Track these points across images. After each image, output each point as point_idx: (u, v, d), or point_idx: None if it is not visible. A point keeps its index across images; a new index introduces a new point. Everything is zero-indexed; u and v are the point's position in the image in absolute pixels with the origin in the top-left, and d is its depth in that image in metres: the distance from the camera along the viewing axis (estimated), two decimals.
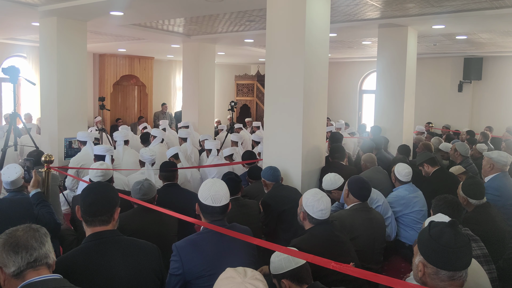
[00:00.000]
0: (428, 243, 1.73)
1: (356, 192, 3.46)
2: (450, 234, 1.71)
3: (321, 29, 4.50)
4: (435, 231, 1.74)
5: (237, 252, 2.43)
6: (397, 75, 6.96)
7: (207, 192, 2.44)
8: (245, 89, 14.06)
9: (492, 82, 11.41)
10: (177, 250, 2.38)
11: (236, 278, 1.57)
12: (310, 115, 4.41)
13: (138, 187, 3.35)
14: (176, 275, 2.35)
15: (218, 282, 1.60)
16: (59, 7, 5.84)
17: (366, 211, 3.43)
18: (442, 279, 1.71)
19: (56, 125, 6.51)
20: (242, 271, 1.62)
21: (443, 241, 1.70)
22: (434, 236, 1.72)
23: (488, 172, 4.31)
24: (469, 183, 3.52)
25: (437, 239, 1.71)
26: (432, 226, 1.77)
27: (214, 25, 7.38)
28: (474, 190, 3.44)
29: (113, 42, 9.60)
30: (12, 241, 1.75)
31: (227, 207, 2.49)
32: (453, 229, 1.73)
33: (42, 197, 3.25)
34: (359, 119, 13.74)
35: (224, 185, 2.51)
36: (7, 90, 10.39)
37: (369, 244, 3.28)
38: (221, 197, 2.44)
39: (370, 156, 5.16)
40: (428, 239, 1.73)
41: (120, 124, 10.44)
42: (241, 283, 1.54)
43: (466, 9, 5.71)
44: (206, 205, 2.43)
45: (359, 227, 3.29)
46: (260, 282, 1.57)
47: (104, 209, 2.16)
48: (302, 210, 2.86)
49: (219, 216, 2.46)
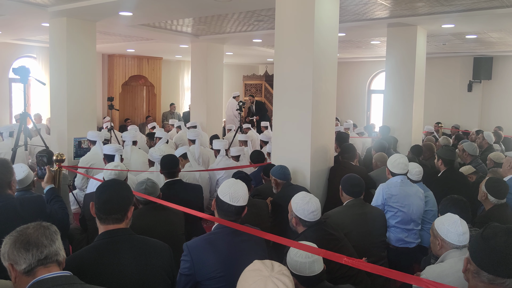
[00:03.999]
0: (477, 241, 1.69)
1: (348, 189, 3.51)
2: (502, 238, 1.64)
3: (330, 29, 4.48)
4: (488, 232, 1.68)
5: (248, 254, 2.40)
6: (406, 75, 6.92)
7: (227, 189, 2.44)
8: (253, 89, 14.06)
9: (503, 82, 11.30)
10: (188, 250, 2.36)
11: (263, 271, 1.54)
12: (319, 115, 4.40)
13: (142, 188, 3.36)
14: (186, 275, 2.34)
15: (245, 273, 1.58)
16: (69, 8, 5.88)
17: (359, 207, 3.46)
18: (482, 280, 1.66)
19: (65, 125, 6.55)
20: (269, 264, 1.58)
21: (492, 243, 1.64)
22: (485, 236, 1.67)
23: (508, 171, 4.29)
24: (494, 180, 3.50)
25: (487, 239, 1.65)
26: (487, 227, 1.71)
27: (223, 25, 7.39)
28: (497, 188, 3.41)
29: (122, 42, 9.65)
30: (23, 238, 1.76)
31: (243, 209, 2.47)
32: (508, 235, 1.65)
33: (56, 192, 3.27)
34: (367, 119, 13.68)
35: (244, 187, 2.50)
36: (18, 90, 10.49)
37: (362, 238, 3.31)
38: (239, 197, 2.43)
39: (381, 155, 5.14)
40: (479, 238, 1.69)
41: (128, 124, 10.50)
42: (268, 277, 1.52)
43: (476, 8, 5.66)
44: (223, 201, 2.42)
45: (350, 223, 3.32)
46: (287, 278, 1.54)
47: (118, 207, 2.17)
48: (294, 215, 2.86)
49: (233, 216, 2.45)
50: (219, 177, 5.48)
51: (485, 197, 3.43)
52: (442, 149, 4.85)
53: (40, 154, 3.87)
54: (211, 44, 9.18)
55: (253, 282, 1.52)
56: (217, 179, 5.49)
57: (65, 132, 6.55)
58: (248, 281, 1.54)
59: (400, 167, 3.85)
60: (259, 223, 3.27)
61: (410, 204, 3.74)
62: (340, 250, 2.82)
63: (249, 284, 1.52)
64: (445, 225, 2.39)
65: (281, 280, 1.51)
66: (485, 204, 3.47)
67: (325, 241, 2.78)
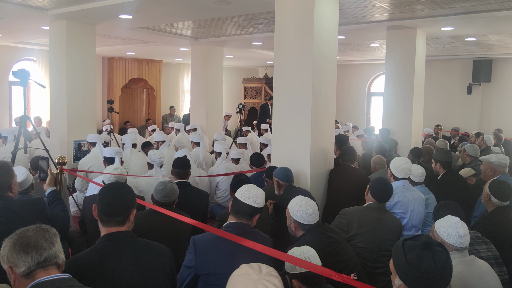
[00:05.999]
0: (408, 271, 1.67)
1: (374, 192, 3.42)
2: (429, 259, 1.64)
3: (329, 31, 4.49)
4: (412, 257, 1.66)
5: (251, 255, 2.43)
6: (405, 78, 6.93)
7: (249, 192, 2.57)
8: (253, 91, 14.08)
9: (502, 84, 11.31)
10: (194, 242, 2.43)
11: (252, 275, 1.55)
12: (319, 117, 4.41)
13: (160, 188, 3.35)
14: (188, 267, 2.40)
15: (233, 278, 1.58)
16: (69, 11, 5.89)
17: (378, 211, 3.39)
18: None
19: (65, 127, 6.56)
20: (257, 267, 1.60)
21: (423, 268, 1.64)
22: (413, 264, 1.65)
23: (490, 176, 4.27)
24: (498, 182, 3.48)
25: (417, 267, 1.65)
26: (407, 250, 1.69)
27: (222, 28, 7.40)
28: (501, 190, 3.38)
29: (121, 45, 9.67)
30: (23, 241, 1.76)
31: (259, 211, 2.59)
32: (430, 250, 1.67)
33: (57, 195, 3.28)
34: (367, 121, 13.68)
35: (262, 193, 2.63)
36: (18, 93, 10.49)
37: (375, 243, 3.25)
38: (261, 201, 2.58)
39: (379, 158, 5.12)
40: (407, 267, 1.66)
41: (128, 127, 10.49)
42: (257, 280, 1.53)
43: (475, 11, 5.67)
44: (244, 203, 2.53)
45: (366, 224, 3.27)
46: (276, 278, 1.56)
47: (120, 210, 2.18)
48: (292, 220, 2.85)
49: (248, 217, 2.56)
50: (219, 180, 5.47)
51: (488, 199, 3.42)
52: (439, 152, 4.86)
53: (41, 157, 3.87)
54: (211, 47, 9.20)
55: (243, 287, 1.52)
56: (217, 181, 5.49)
57: (65, 135, 6.56)
58: (237, 286, 1.54)
59: (404, 172, 3.84)
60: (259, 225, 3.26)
61: (412, 210, 3.72)
62: (339, 253, 2.82)
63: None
64: (446, 227, 2.39)
65: (270, 282, 1.53)
66: (487, 206, 3.46)
67: (324, 244, 2.77)
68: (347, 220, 3.30)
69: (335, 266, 2.55)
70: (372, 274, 3.17)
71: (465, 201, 4.00)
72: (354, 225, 3.27)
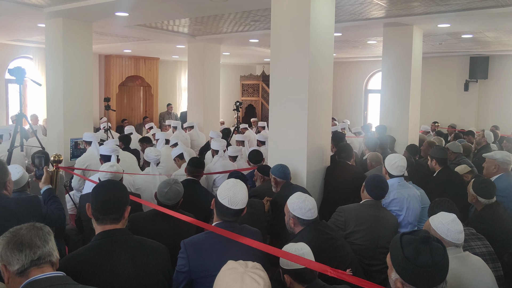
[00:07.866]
0: (405, 264, 1.67)
1: (370, 189, 3.42)
2: (426, 253, 1.65)
3: (326, 29, 4.49)
4: (410, 251, 1.67)
5: (244, 254, 2.40)
6: (402, 75, 6.93)
7: (226, 192, 2.43)
8: (250, 89, 14.08)
9: (499, 81, 11.34)
10: (185, 247, 2.39)
11: (238, 268, 1.65)
12: (315, 115, 4.41)
13: (165, 190, 3.18)
14: (182, 272, 2.37)
15: (221, 273, 1.66)
16: (65, 8, 5.87)
17: (375, 209, 3.39)
18: None
19: (62, 125, 6.54)
20: (243, 263, 1.70)
21: (421, 262, 1.64)
22: (410, 257, 1.66)
23: (493, 173, 4.28)
24: (480, 181, 3.51)
25: (414, 261, 1.65)
26: (405, 244, 1.70)
27: (219, 25, 7.39)
28: (484, 189, 3.42)
29: (118, 43, 9.64)
30: (16, 239, 1.76)
31: (242, 211, 2.49)
32: (428, 245, 1.67)
33: (53, 193, 3.27)
34: (364, 118, 13.71)
35: (244, 190, 2.48)
36: (14, 91, 10.46)
37: (369, 242, 3.26)
38: (238, 201, 2.43)
39: (375, 155, 5.12)
40: (404, 261, 1.67)
41: (126, 124, 10.47)
42: (243, 273, 1.62)
43: (471, 8, 5.68)
44: (221, 204, 2.44)
45: (363, 222, 3.27)
46: (262, 272, 1.65)
47: (115, 207, 2.17)
48: (291, 216, 2.85)
49: (231, 218, 2.47)
50: (216, 177, 5.47)
51: (476, 200, 3.45)
52: (434, 149, 4.88)
53: (37, 155, 3.87)
54: (208, 44, 9.18)
55: (230, 279, 1.61)
56: (214, 179, 5.49)
57: (62, 132, 6.54)
58: (225, 279, 1.63)
59: (399, 170, 3.84)
60: (255, 223, 3.26)
61: (407, 207, 3.73)
62: (336, 249, 2.83)
63: (226, 282, 1.61)
64: (444, 224, 2.39)
65: (256, 274, 1.62)
66: (476, 206, 3.48)
67: (322, 240, 2.79)
68: (344, 217, 3.31)
69: (332, 262, 2.56)
70: (369, 272, 3.18)
71: (461, 198, 4.01)
72: (351, 223, 3.27)
